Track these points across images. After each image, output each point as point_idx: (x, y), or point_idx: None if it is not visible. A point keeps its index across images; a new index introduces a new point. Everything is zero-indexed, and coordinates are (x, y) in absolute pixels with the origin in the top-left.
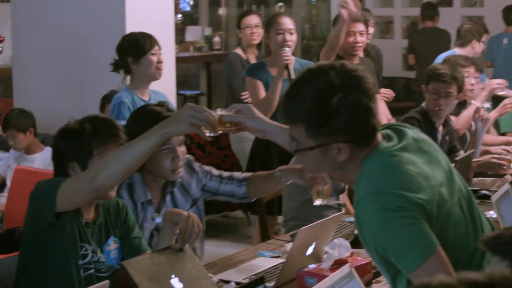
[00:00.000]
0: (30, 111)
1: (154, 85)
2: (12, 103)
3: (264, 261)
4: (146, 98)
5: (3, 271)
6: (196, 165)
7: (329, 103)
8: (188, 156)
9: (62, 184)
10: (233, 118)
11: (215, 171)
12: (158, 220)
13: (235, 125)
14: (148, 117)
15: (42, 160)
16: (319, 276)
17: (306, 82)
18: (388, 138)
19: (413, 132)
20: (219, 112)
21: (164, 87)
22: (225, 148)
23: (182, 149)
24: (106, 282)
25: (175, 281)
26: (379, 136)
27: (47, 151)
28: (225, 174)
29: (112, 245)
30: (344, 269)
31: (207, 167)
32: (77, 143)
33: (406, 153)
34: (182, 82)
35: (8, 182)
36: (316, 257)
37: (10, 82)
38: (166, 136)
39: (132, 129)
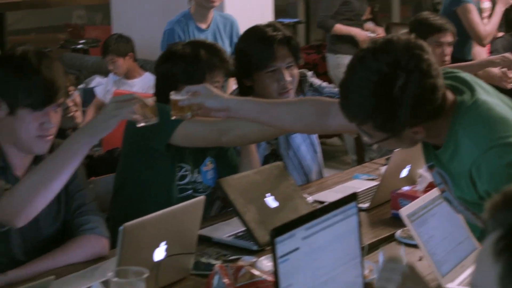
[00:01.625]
0: (129, 36)
1: (250, 13)
2: (111, 31)
3: (359, 183)
4: (203, 26)
5: (100, 191)
6: (307, 85)
7: (390, 96)
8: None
9: (185, 123)
10: (190, 101)
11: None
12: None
13: (195, 109)
14: (253, 35)
15: (141, 85)
16: (413, 198)
17: (357, 80)
18: (456, 90)
19: (466, 74)
20: (173, 97)
21: (261, 15)
22: (322, 75)
23: (292, 71)
24: (202, 197)
25: (270, 199)
26: (449, 95)
27: (146, 76)
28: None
29: (208, 165)
30: (437, 190)
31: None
32: (192, 67)
33: (489, 97)
34: (280, 10)
35: None
36: (411, 179)
37: (108, 10)
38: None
39: (237, 54)
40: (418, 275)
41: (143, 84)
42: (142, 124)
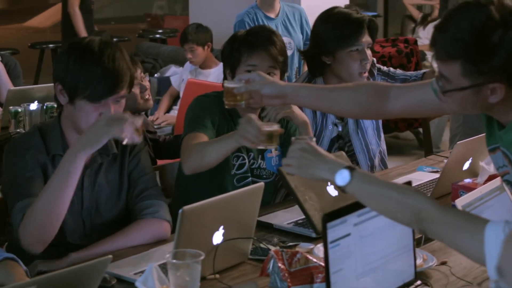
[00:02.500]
0: (207, 26)
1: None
2: (188, 21)
3: (422, 175)
4: (272, 15)
5: (167, 176)
6: (375, 70)
7: (489, 39)
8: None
9: None
10: (247, 88)
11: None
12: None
13: (247, 97)
14: (334, 19)
15: (216, 75)
16: (473, 191)
17: (463, 16)
18: None
19: None
20: (228, 85)
21: None
22: (397, 67)
23: (369, 52)
24: (261, 184)
25: (331, 187)
26: None
27: (221, 67)
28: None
29: (273, 152)
30: (495, 182)
31: (384, 68)
32: (230, 48)
33: None
34: (359, 4)
35: (181, 95)
36: (472, 172)
37: (187, 1)
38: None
39: (319, 32)
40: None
41: (218, 74)
42: (126, 142)
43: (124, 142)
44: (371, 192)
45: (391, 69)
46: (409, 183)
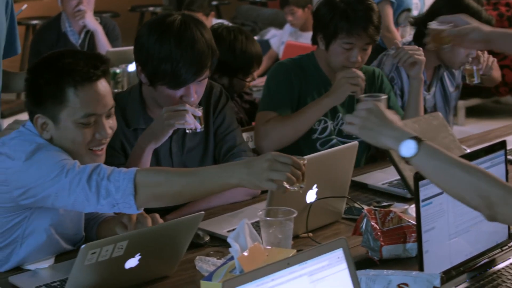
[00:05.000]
0: None
1: None
2: None
3: None
4: None
5: None
6: None
7: None
8: None
9: None
10: (454, 32)
11: None
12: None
13: (453, 39)
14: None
15: None
16: None
17: None
18: None
19: None
20: (435, 26)
21: None
22: None
23: None
24: (355, 143)
25: None
26: None
27: None
28: None
29: None
30: None
31: None
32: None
33: None
34: None
35: (280, 57)
36: None
37: None
38: None
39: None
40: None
41: None
42: (189, 131)
43: (188, 131)
44: (437, 167)
45: None
46: (502, 143)
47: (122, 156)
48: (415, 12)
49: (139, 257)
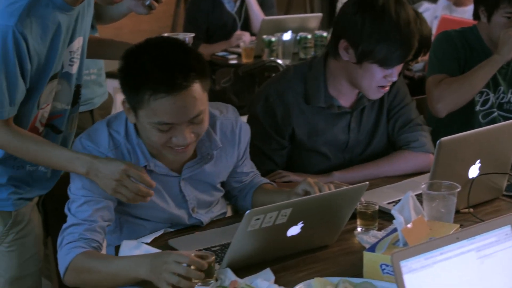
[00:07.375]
0: None
1: None
2: None
3: None
4: None
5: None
6: None
7: None
8: None
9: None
10: None
11: None
12: None
13: None
14: None
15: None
16: None
17: None
18: None
19: None
20: None
21: None
22: None
23: None
24: None
25: None
26: None
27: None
28: None
29: None
30: None
31: None
32: None
33: None
34: None
35: (434, 32)
36: None
37: None
38: None
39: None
40: None
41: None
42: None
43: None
44: None
45: None
46: None
47: (274, 164)
48: None
49: (302, 225)
